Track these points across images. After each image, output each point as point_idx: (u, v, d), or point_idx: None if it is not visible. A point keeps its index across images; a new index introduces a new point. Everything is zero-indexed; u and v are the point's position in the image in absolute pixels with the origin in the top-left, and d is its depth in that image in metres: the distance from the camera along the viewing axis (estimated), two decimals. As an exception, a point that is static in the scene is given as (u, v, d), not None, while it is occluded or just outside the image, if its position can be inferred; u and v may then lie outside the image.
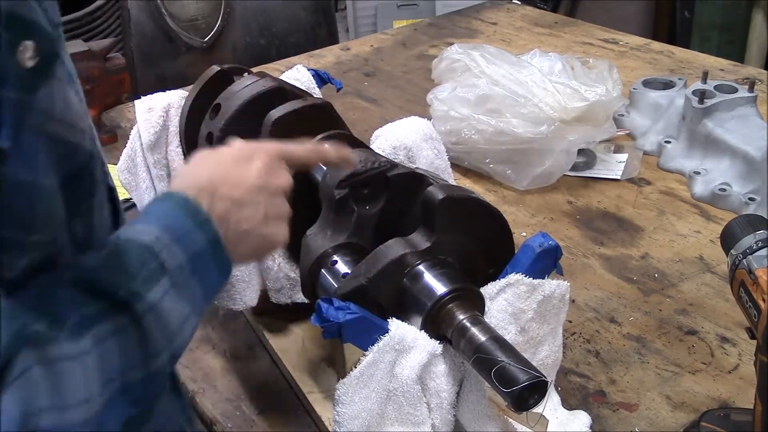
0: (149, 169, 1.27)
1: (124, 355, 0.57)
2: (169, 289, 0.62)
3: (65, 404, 0.52)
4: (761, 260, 0.76)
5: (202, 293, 0.66)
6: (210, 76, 1.24)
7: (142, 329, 0.59)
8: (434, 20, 2.50)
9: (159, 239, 0.63)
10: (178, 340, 0.63)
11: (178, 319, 0.62)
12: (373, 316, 0.86)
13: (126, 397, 0.58)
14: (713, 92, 1.48)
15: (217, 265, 0.68)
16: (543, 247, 0.92)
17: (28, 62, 0.51)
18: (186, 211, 0.67)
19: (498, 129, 1.43)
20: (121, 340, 0.57)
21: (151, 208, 0.68)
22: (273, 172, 0.78)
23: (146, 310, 0.59)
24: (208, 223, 0.67)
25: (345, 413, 0.84)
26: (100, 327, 0.56)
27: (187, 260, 0.64)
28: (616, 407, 0.99)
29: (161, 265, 0.62)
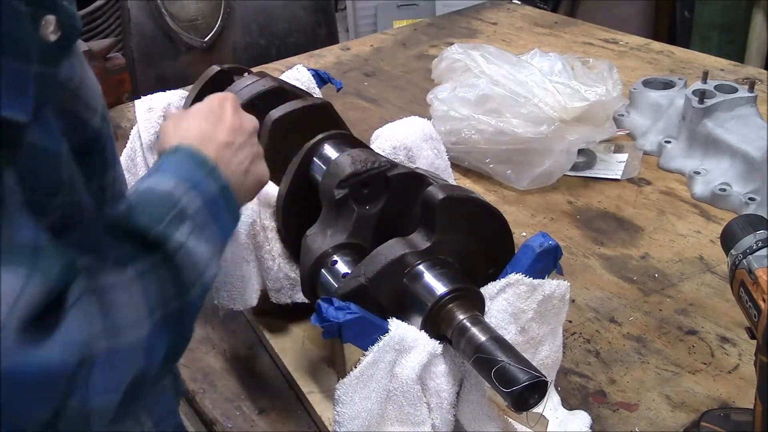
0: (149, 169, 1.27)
1: (163, 288, 0.62)
2: (193, 231, 0.67)
3: (117, 327, 0.57)
4: (761, 260, 0.76)
5: (219, 236, 0.71)
6: (210, 76, 1.24)
7: (175, 265, 0.64)
8: (434, 20, 2.50)
9: (177, 186, 0.68)
10: (207, 275, 0.68)
11: (204, 257, 0.67)
12: (373, 316, 0.86)
13: (167, 326, 0.63)
14: (713, 92, 1.48)
15: (229, 209, 0.73)
16: (543, 247, 0.92)
17: (51, 36, 0.53)
18: (195, 161, 0.73)
19: (498, 129, 1.43)
20: (159, 274, 0.62)
21: (163, 162, 0.73)
22: (241, 115, 0.85)
23: (176, 248, 0.64)
24: (215, 171, 0.73)
25: (345, 413, 0.84)
26: (139, 263, 0.61)
27: (204, 205, 0.69)
28: (616, 407, 0.99)
29: (183, 210, 0.67)
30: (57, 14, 0.53)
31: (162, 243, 0.63)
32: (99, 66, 1.70)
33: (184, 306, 0.65)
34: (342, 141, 1.07)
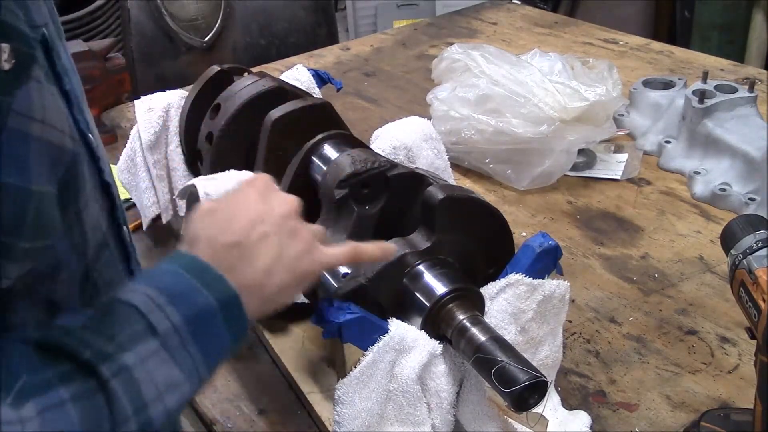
0: (149, 169, 1.27)
1: (88, 422, 0.54)
2: (158, 351, 0.58)
3: None
4: (761, 260, 0.76)
5: (202, 357, 0.61)
6: (210, 76, 1.24)
7: (109, 394, 0.55)
8: (434, 20, 2.50)
9: (152, 299, 0.60)
10: (154, 408, 0.58)
11: (160, 384, 0.58)
12: (373, 316, 0.86)
13: None
14: (713, 92, 1.48)
15: (229, 325, 0.63)
16: (543, 247, 0.92)
17: (5, 65, 0.51)
18: (192, 271, 0.63)
19: (498, 129, 1.43)
20: (85, 405, 0.54)
21: (154, 269, 0.65)
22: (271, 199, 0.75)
23: (114, 373, 0.55)
24: (218, 280, 0.64)
25: (345, 413, 0.84)
26: (55, 392, 0.53)
27: (184, 322, 0.60)
28: (616, 407, 0.99)
29: (149, 326, 0.58)
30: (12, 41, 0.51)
31: (96, 366, 0.55)
32: (99, 66, 1.70)
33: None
34: (342, 141, 1.07)
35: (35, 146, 0.55)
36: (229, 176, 1.08)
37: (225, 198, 0.76)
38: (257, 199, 0.74)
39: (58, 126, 0.60)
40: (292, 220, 0.74)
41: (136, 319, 0.58)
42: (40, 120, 0.56)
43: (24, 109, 0.54)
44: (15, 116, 0.53)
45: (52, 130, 0.59)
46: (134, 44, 2.54)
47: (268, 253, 0.70)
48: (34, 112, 0.55)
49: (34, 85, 0.56)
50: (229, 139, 1.16)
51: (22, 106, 0.54)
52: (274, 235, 0.71)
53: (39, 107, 0.56)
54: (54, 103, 0.60)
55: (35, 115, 0.56)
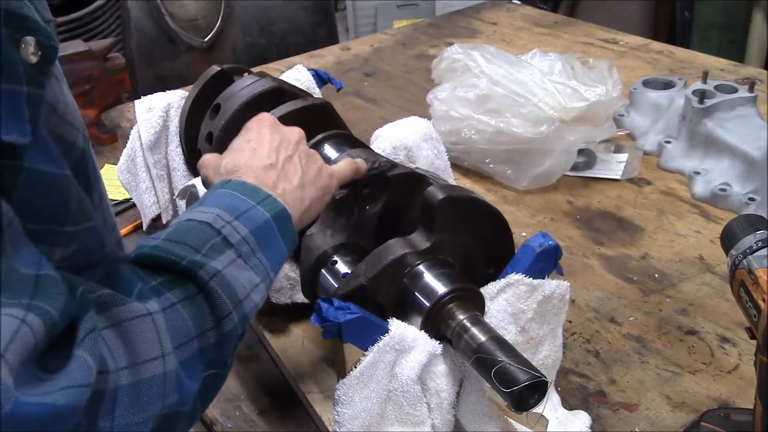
0: (149, 169, 1.27)
1: (197, 319, 0.61)
2: (235, 260, 0.66)
3: (139, 360, 0.55)
4: (761, 260, 0.76)
5: (269, 262, 0.70)
6: (210, 76, 1.24)
7: (209, 295, 0.62)
8: (434, 20, 2.50)
9: (220, 217, 0.68)
10: (246, 304, 0.66)
11: (245, 286, 0.66)
12: (373, 316, 0.86)
13: (203, 358, 0.61)
14: (713, 92, 1.48)
15: (283, 234, 0.73)
16: (543, 247, 0.92)
17: (32, 57, 0.52)
18: (245, 192, 0.73)
19: (498, 129, 1.43)
20: (191, 305, 0.61)
21: (207, 196, 0.74)
22: (281, 130, 0.87)
23: (210, 277, 0.63)
24: (269, 198, 0.74)
25: (345, 413, 0.84)
26: (168, 295, 0.60)
27: (251, 233, 0.69)
28: (616, 407, 0.99)
29: (224, 239, 0.66)
30: (35, 35, 0.52)
31: (195, 272, 0.62)
32: (99, 66, 1.69)
33: (220, 337, 0.63)
34: (342, 141, 1.07)
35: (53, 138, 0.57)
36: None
37: (241, 136, 0.86)
38: (271, 131, 0.85)
39: (75, 123, 0.62)
40: (304, 145, 0.87)
41: (212, 233, 0.66)
42: (60, 115, 0.59)
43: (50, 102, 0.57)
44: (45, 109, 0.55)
45: (68, 127, 0.61)
46: (134, 44, 2.54)
47: (296, 171, 0.82)
48: (57, 106, 0.58)
49: (54, 81, 0.58)
50: (229, 139, 1.15)
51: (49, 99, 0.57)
52: (296, 156, 0.83)
53: (61, 102, 0.59)
54: (70, 99, 0.62)
55: (58, 109, 0.58)
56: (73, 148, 0.62)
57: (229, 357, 0.66)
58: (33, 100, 0.52)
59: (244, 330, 0.67)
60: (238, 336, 0.67)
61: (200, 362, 0.61)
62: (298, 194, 0.80)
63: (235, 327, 0.65)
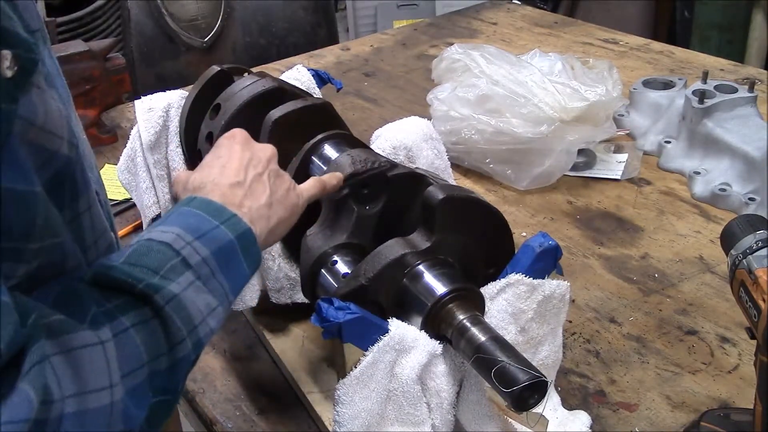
0: (149, 169, 1.27)
1: (150, 344, 0.60)
2: (193, 282, 0.65)
3: (87, 390, 0.54)
4: (761, 260, 0.76)
5: (229, 285, 0.69)
6: (210, 76, 1.23)
7: (164, 320, 0.61)
8: (434, 20, 2.50)
9: (180, 237, 0.66)
10: (201, 329, 0.65)
11: (201, 310, 0.65)
12: (373, 316, 0.86)
13: (152, 385, 0.60)
14: (713, 92, 1.48)
15: (246, 255, 0.71)
16: (543, 247, 0.92)
17: (7, 72, 0.50)
18: (209, 212, 0.71)
19: (498, 129, 1.43)
20: (145, 330, 0.60)
21: (172, 213, 0.72)
22: (252, 147, 0.86)
23: (167, 301, 0.61)
24: (233, 218, 0.72)
25: (345, 413, 0.84)
26: (121, 319, 0.59)
27: (212, 255, 0.67)
28: (616, 407, 0.99)
29: (183, 261, 0.65)
30: (13, 48, 0.51)
31: (151, 296, 0.61)
32: (99, 66, 1.69)
33: (173, 362, 0.62)
34: (342, 141, 1.07)
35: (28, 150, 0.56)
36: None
37: (211, 153, 0.86)
38: (241, 148, 0.85)
39: (58, 132, 0.60)
40: (274, 164, 0.86)
41: (171, 255, 0.65)
42: (39, 126, 0.57)
43: (26, 115, 0.55)
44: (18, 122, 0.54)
45: (50, 136, 0.59)
46: (134, 44, 2.54)
47: (264, 190, 0.81)
48: (36, 118, 0.57)
49: (35, 92, 0.56)
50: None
51: (24, 112, 0.55)
52: (265, 175, 0.82)
53: (42, 113, 0.57)
54: (54, 108, 0.60)
55: (36, 121, 0.57)
56: (55, 157, 0.60)
57: (181, 383, 0.65)
58: (4, 115, 0.51)
59: (197, 356, 0.66)
60: (191, 362, 0.65)
61: (149, 389, 0.60)
62: (265, 212, 0.79)
63: (188, 353, 0.63)
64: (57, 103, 0.61)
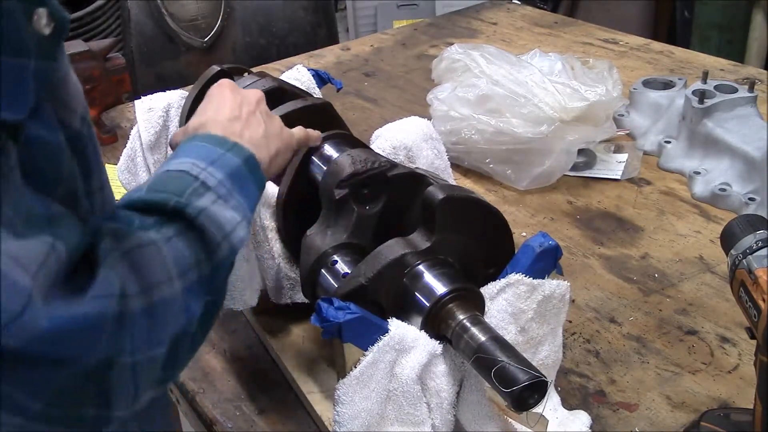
0: (149, 169, 1.27)
1: (191, 252, 0.65)
2: (216, 200, 0.70)
3: (151, 284, 0.59)
4: (761, 260, 0.76)
5: (245, 202, 0.74)
6: (210, 76, 1.23)
7: (199, 228, 0.66)
8: (434, 20, 2.50)
9: (195, 164, 0.72)
10: (233, 237, 0.70)
11: (229, 221, 0.70)
12: (373, 316, 0.86)
13: (201, 287, 0.65)
14: (713, 92, 1.48)
15: (254, 177, 0.77)
16: (543, 247, 0.92)
17: (45, 29, 0.52)
18: (213, 142, 0.77)
19: (498, 129, 1.43)
20: (185, 239, 0.65)
21: (179, 150, 0.77)
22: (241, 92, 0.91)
23: (197, 213, 0.67)
24: (236, 146, 0.77)
25: (345, 413, 0.84)
26: (163, 230, 0.64)
27: (226, 177, 0.73)
28: (616, 407, 0.99)
29: (203, 184, 0.70)
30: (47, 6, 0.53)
31: (182, 210, 0.66)
32: (99, 66, 1.69)
33: (214, 267, 0.67)
34: (342, 141, 1.07)
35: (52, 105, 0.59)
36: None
37: (204, 102, 0.90)
38: (232, 93, 0.89)
39: (71, 105, 0.63)
40: (263, 105, 0.92)
41: (190, 180, 0.70)
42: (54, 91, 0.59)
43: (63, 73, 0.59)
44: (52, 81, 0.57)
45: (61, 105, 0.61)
46: (134, 44, 2.54)
47: (260, 124, 0.86)
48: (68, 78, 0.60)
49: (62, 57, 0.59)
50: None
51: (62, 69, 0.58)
52: (258, 113, 0.88)
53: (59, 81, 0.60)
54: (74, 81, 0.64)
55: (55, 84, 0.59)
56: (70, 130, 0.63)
57: (224, 284, 0.71)
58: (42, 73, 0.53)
59: (233, 261, 0.71)
60: (229, 265, 0.71)
61: (201, 288, 0.65)
62: (264, 142, 0.84)
63: (226, 257, 0.69)
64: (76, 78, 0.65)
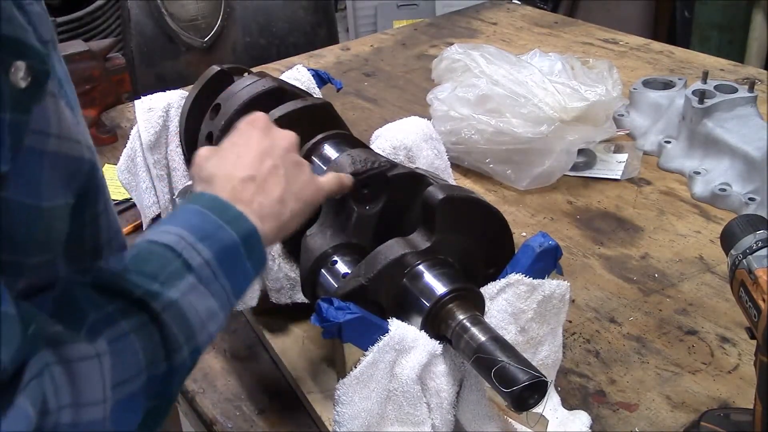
0: (149, 169, 1.27)
1: (147, 351, 0.59)
2: (196, 285, 0.64)
3: (83, 402, 0.54)
4: (761, 260, 0.76)
5: (232, 286, 0.67)
6: (210, 76, 1.24)
7: (162, 326, 0.60)
8: (434, 20, 2.50)
9: (183, 238, 0.65)
10: (201, 336, 0.64)
11: (202, 314, 0.64)
12: (373, 316, 0.86)
13: (149, 390, 0.60)
14: (713, 92, 1.48)
15: (250, 256, 0.69)
16: (543, 247, 0.92)
17: (21, 82, 0.50)
18: (214, 210, 0.69)
19: (498, 129, 1.43)
20: (143, 336, 0.59)
21: (178, 211, 0.71)
22: (272, 134, 0.83)
23: (164, 307, 0.61)
24: (239, 218, 0.70)
25: (345, 413, 0.84)
26: (118, 325, 0.58)
27: (214, 257, 0.66)
28: (616, 407, 0.99)
29: (185, 263, 0.64)
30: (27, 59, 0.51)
31: (148, 302, 0.60)
32: (99, 66, 1.69)
33: (170, 369, 0.61)
34: (342, 141, 1.07)
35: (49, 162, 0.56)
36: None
37: (230, 138, 0.82)
38: (261, 135, 0.81)
39: (75, 137, 0.61)
40: (294, 153, 0.83)
41: (173, 257, 0.64)
42: (56, 135, 0.57)
43: (40, 126, 0.55)
44: (31, 135, 0.54)
45: (70, 143, 0.60)
46: (134, 44, 2.54)
47: (279, 183, 0.77)
48: (50, 128, 0.57)
49: (50, 100, 0.57)
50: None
51: (38, 123, 0.55)
52: (282, 167, 0.79)
53: (55, 122, 0.57)
54: (68, 114, 0.61)
55: (51, 130, 0.57)
56: (82, 163, 0.61)
57: (176, 389, 0.64)
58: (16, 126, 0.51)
59: (194, 363, 0.65)
60: (188, 369, 0.65)
61: (144, 395, 0.60)
62: (277, 209, 0.76)
63: (185, 360, 0.63)
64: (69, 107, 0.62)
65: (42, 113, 0.55)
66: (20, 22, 0.52)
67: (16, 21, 0.51)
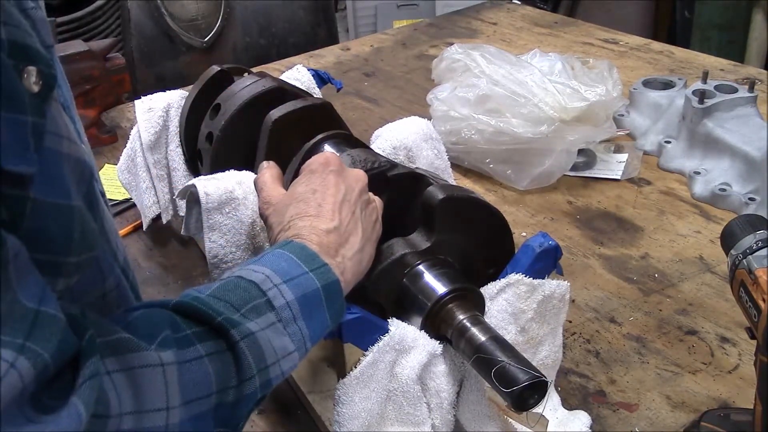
0: (149, 169, 1.27)
1: (221, 375, 0.61)
2: (274, 323, 0.67)
3: (144, 409, 0.55)
4: (761, 260, 0.76)
5: (309, 332, 0.70)
6: (210, 76, 1.24)
7: (237, 354, 0.63)
8: (434, 20, 2.50)
9: (269, 278, 0.69)
10: (274, 370, 0.66)
11: (278, 350, 0.66)
12: (373, 316, 0.86)
13: (216, 415, 0.61)
14: (713, 92, 1.48)
15: (330, 306, 0.73)
16: (543, 247, 0.92)
17: (34, 87, 0.51)
18: (302, 258, 0.73)
19: (498, 129, 1.43)
20: (218, 361, 0.62)
21: (267, 253, 0.74)
22: (346, 178, 0.86)
23: (242, 337, 0.63)
24: (323, 269, 0.73)
25: (345, 413, 0.84)
26: (198, 346, 0.61)
27: (296, 299, 0.69)
28: (616, 407, 0.99)
29: (268, 302, 0.67)
30: (37, 64, 0.52)
31: (226, 330, 0.63)
32: (99, 66, 1.69)
33: (239, 397, 0.63)
34: (342, 141, 1.07)
35: (67, 164, 0.57)
36: (230, 176, 1.08)
37: (306, 182, 0.86)
38: (336, 179, 0.85)
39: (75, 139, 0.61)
40: (365, 194, 0.87)
41: (257, 294, 0.67)
42: (66, 137, 0.58)
43: (54, 128, 0.56)
44: (49, 136, 0.55)
45: (75, 145, 0.60)
46: (134, 44, 2.54)
47: (358, 232, 0.82)
48: (61, 130, 0.58)
49: (55, 104, 0.58)
50: (229, 139, 1.16)
51: (52, 125, 0.56)
52: (358, 212, 0.84)
53: (63, 125, 0.59)
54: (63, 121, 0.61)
55: (62, 132, 0.58)
56: (86, 165, 0.62)
57: (243, 419, 0.66)
58: (36, 129, 0.52)
59: (264, 396, 0.67)
60: (257, 400, 0.66)
61: (213, 419, 0.62)
62: (357, 258, 0.81)
63: (254, 391, 0.65)
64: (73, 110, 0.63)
65: (53, 117, 0.56)
66: (27, 28, 0.53)
67: (24, 27, 0.52)
